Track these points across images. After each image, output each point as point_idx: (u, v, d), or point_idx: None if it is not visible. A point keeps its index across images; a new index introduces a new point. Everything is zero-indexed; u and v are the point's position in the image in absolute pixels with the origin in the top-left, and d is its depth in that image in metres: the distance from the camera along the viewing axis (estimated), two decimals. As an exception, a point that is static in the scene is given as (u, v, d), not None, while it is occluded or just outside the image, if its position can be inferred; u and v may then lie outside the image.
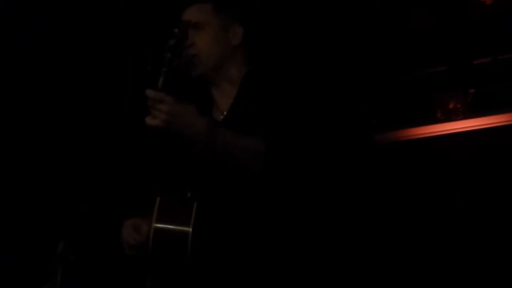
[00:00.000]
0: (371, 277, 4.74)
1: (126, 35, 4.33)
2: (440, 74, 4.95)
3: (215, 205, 2.64)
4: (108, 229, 4.40)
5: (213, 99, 2.83)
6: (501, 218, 4.68)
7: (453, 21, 4.66)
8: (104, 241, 4.37)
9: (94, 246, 4.20)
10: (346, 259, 4.72)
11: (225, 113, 2.77)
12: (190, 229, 2.55)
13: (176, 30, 2.48)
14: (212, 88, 2.82)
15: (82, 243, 3.04)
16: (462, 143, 4.93)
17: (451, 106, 4.97)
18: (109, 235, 4.42)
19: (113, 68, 4.29)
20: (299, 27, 4.57)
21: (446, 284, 4.72)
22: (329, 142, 4.58)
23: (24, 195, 4.51)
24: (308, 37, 4.63)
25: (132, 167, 2.91)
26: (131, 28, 4.36)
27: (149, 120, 2.46)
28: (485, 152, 4.84)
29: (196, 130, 2.46)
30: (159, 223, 2.56)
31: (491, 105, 4.89)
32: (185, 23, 2.56)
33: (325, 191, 4.81)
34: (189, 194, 2.63)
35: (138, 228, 2.73)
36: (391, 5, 4.64)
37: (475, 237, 4.74)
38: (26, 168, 4.53)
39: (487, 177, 4.79)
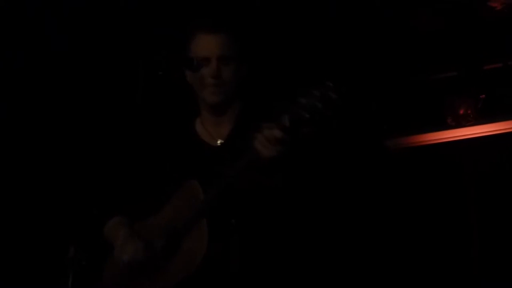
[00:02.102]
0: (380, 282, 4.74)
1: (138, 40, 4.34)
2: (450, 79, 4.95)
3: (259, 233, 2.77)
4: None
5: (207, 125, 2.95)
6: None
7: (464, 26, 4.66)
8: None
9: (105, 250, 4.19)
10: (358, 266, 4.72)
11: (220, 141, 2.89)
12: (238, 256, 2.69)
13: (333, 96, 2.52)
14: (213, 115, 2.93)
15: (93, 247, 3.03)
16: (473, 149, 4.91)
17: (461, 112, 4.95)
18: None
19: (124, 73, 4.30)
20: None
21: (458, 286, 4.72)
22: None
23: (36, 199, 4.52)
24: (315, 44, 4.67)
25: (149, 174, 2.94)
26: (143, 33, 4.37)
27: (261, 148, 2.56)
28: (496, 158, 4.83)
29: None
30: (210, 246, 2.64)
31: (501, 110, 4.87)
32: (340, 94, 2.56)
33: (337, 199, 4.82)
34: (233, 222, 2.72)
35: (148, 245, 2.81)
36: (400, 9, 4.64)
37: (488, 242, 4.73)
38: (38, 172, 4.54)
39: (498, 184, 4.77)
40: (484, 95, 4.91)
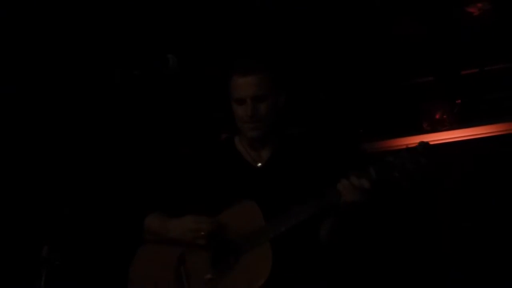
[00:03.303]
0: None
1: (116, 39, 4.33)
2: (427, 84, 4.98)
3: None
4: (94, 232, 4.38)
5: (247, 147, 3.17)
6: (486, 225, 4.71)
7: (441, 32, 4.69)
8: (89, 245, 4.35)
9: (79, 250, 4.17)
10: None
11: (259, 164, 3.14)
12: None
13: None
14: (258, 142, 3.14)
15: (67, 247, 3.00)
16: (448, 154, 4.94)
17: (437, 116, 4.98)
18: (95, 239, 4.40)
19: (101, 72, 4.28)
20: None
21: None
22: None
23: (9, 198, 4.48)
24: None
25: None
26: (121, 32, 4.37)
27: (345, 193, 2.85)
28: (471, 163, 4.85)
29: None
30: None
31: (477, 116, 4.91)
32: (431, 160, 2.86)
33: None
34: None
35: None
36: (379, 15, 4.66)
37: (460, 243, 4.76)
38: (11, 172, 4.51)
39: (473, 188, 4.80)
40: (459, 101, 4.94)
